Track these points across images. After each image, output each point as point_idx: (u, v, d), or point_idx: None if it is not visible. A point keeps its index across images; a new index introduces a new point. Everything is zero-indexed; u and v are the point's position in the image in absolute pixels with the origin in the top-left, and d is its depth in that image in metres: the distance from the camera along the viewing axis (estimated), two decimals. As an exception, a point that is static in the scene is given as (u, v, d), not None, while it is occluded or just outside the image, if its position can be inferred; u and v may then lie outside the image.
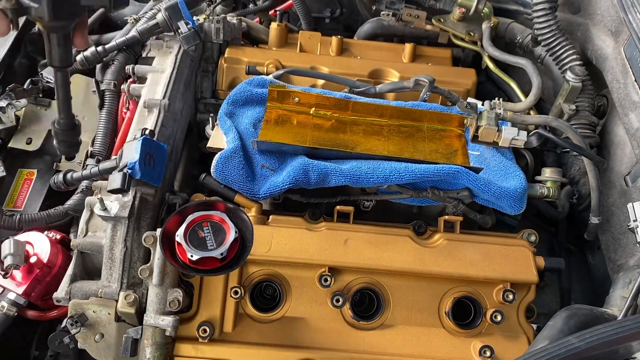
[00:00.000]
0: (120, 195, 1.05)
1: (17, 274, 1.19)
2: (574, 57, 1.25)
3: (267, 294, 1.09)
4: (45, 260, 1.20)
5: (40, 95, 1.49)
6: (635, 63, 1.11)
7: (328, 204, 1.12)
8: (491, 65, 1.44)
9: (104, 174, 1.16)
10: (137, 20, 1.46)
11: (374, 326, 1.06)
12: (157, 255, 1.01)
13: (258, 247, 0.79)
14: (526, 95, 1.33)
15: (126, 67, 1.33)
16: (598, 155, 1.18)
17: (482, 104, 1.22)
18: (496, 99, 1.22)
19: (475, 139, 1.17)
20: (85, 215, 1.11)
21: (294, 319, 1.06)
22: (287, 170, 1.05)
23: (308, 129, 1.16)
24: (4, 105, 1.43)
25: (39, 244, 1.22)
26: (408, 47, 1.48)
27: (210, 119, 1.23)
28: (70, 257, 1.14)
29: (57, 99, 0.88)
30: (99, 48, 1.38)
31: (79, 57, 1.38)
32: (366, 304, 1.08)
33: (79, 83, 1.49)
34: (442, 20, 1.48)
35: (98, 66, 1.44)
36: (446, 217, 1.10)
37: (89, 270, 1.11)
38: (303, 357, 1.02)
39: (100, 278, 1.05)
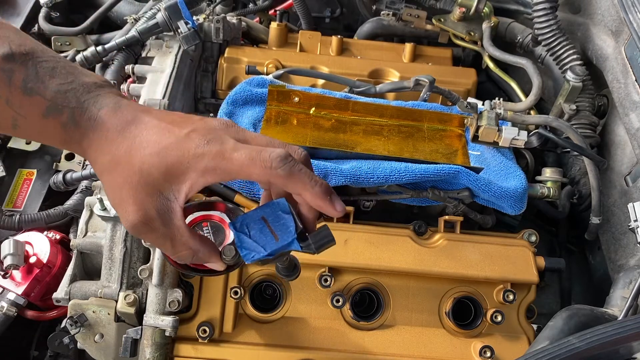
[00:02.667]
0: (119, 195, 1.05)
1: (17, 274, 1.19)
2: (575, 57, 1.25)
3: (266, 294, 1.09)
4: (44, 261, 1.20)
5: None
6: (636, 63, 1.11)
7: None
8: (491, 65, 1.44)
9: (104, 174, 1.15)
10: (136, 20, 1.46)
11: (374, 326, 1.06)
12: (156, 255, 1.01)
13: (258, 247, 0.79)
14: (526, 95, 1.33)
15: (126, 67, 1.33)
16: (598, 155, 1.18)
17: (483, 104, 1.22)
18: (496, 98, 1.22)
19: (475, 139, 1.17)
20: (84, 215, 1.11)
21: (293, 319, 1.06)
22: (287, 170, 1.05)
23: (308, 129, 1.16)
24: (4, 105, 1.43)
25: (39, 244, 1.22)
26: (408, 46, 1.47)
27: (210, 118, 1.23)
28: (69, 257, 1.14)
29: None
30: (99, 48, 1.37)
31: (78, 57, 1.38)
32: (366, 304, 1.08)
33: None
34: (442, 20, 1.48)
35: (97, 66, 1.43)
36: (446, 217, 1.09)
37: (89, 270, 1.11)
38: (303, 357, 1.02)
39: (100, 278, 1.05)
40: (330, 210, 0.63)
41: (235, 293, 1.02)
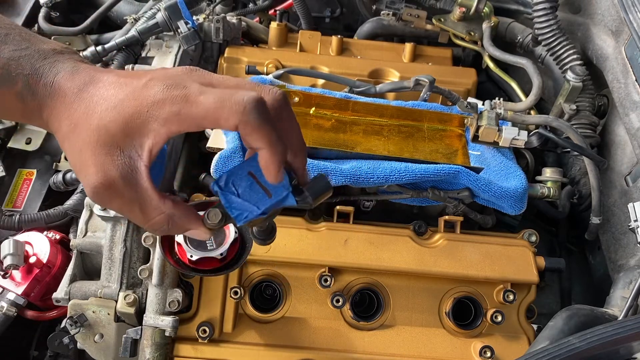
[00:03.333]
0: (119, 195, 1.05)
1: (17, 274, 1.19)
2: (575, 56, 1.25)
3: (266, 294, 1.09)
4: (44, 261, 1.20)
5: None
6: (636, 63, 1.11)
7: (328, 204, 1.11)
8: (491, 65, 1.44)
9: (104, 174, 1.15)
10: (136, 20, 1.46)
11: (374, 326, 1.06)
12: (156, 255, 1.01)
13: (258, 247, 0.79)
14: (527, 95, 1.33)
15: (126, 67, 1.33)
16: (598, 155, 1.18)
17: (483, 104, 1.22)
18: (497, 98, 1.22)
19: (475, 138, 1.17)
20: (84, 215, 1.11)
21: (293, 319, 1.06)
22: (287, 170, 1.05)
23: (308, 129, 1.16)
24: (4, 105, 1.42)
25: (39, 244, 1.22)
26: (408, 46, 1.47)
27: (210, 118, 1.22)
28: (69, 257, 1.14)
29: None
30: (99, 48, 1.37)
31: (78, 57, 1.38)
32: (366, 304, 1.08)
33: (78, 83, 1.48)
34: (442, 19, 1.48)
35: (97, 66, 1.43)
36: (446, 217, 1.09)
37: (89, 270, 1.11)
38: (303, 357, 1.02)
39: (100, 278, 1.05)
40: (271, 178, 0.57)
41: (235, 293, 1.02)
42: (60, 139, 0.57)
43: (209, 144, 1.13)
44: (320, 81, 1.36)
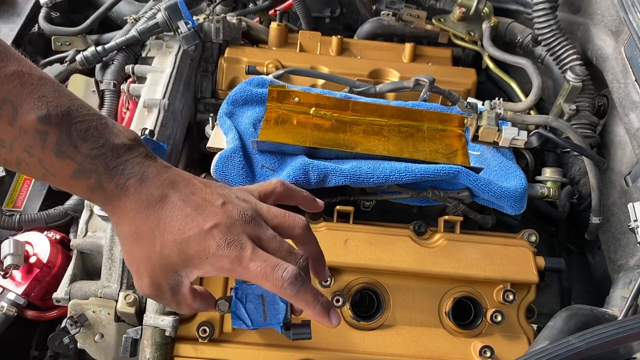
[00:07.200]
0: (119, 195, 1.05)
1: (17, 274, 1.19)
2: (575, 57, 1.25)
3: (267, 294, 1.08)
4: (44, 261, 1.20)
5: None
6: (636, 63, 1.11)
7: (328, 204, 1.11)
8: (491, 65, 1.44)
9: (104, 174, 1.15)
10: (136, 20, 1.46)
11: (374, 326, 1.06)
12: (156, 255, 1.01)
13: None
14: (526, 95, 1.33)
15: (126, 67, 1.33)
16: (598, 155, 1.18)
17: (483, 104, 1.22)
18: (496, 98, 1.22)
19: (475, 139, 1.17)
20: (85, 215, 1.11)
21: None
22: (287, 170, 1.05)
23: (308, 129, 1.16)
24: (4, 105, 1.42)
25: (39, 244, 1.22)
26: (408, 46, 1.47)
27: (210, 118, 1.23)
28: (70, 257, 1.14)
29: None
30: (99, 48, 1.37)
31: (78, 57, 1.38)
32: (366, 304, 1.08)
33: (78, 83, 1.48)
34: (442, 20, 1.48)
35: (98, 66, 1.43)
36: (446, 217, 1.09)
37: (89, 270, 1.11)
38: (303, 357, 1.02)
39: (100, 278, 1.05)
40: (327, 325, 0.69)
41: (235, 293, 1.02)
42: (120, 236, 0.67)
43: (209, 144, 1.13)
44: (320, 81, 1.36)
